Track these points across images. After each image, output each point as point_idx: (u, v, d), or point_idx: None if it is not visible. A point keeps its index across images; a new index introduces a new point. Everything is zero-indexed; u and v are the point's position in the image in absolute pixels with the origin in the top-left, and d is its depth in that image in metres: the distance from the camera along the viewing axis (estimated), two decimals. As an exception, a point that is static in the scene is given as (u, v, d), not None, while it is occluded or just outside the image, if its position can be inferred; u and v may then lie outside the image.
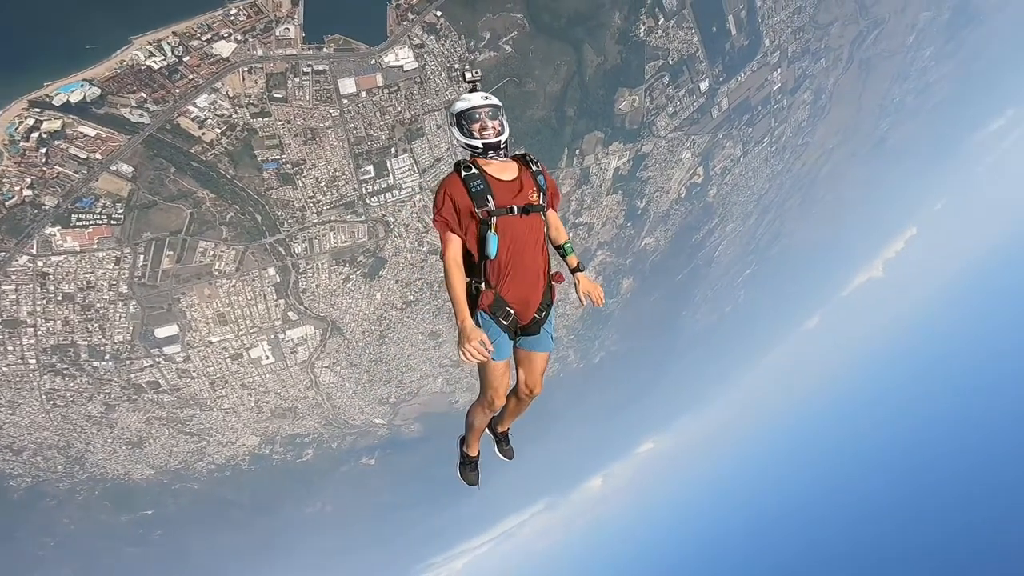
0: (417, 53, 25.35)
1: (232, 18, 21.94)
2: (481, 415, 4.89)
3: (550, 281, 4.37)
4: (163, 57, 21.51)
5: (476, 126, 4.19)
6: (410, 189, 28.40)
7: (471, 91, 4.34)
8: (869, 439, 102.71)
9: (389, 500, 44.55)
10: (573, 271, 4.62)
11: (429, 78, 26.10)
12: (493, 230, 4.01)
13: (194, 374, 29.21)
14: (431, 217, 4.28)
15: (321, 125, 25.57)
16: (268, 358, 30.27)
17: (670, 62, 32.46)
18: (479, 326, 4.05)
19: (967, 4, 52.44)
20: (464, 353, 3.80)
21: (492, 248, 4.02)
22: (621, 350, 49.77)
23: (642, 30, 30.39)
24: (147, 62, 21.33)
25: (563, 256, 4.62)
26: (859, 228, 72.12)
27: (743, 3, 34.57)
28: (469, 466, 5.53)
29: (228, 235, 26.53)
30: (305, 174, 26.35)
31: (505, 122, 4.29)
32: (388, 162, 27.38)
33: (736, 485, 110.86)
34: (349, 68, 24.81)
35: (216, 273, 27.12)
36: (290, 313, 29.47)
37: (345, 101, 25.31)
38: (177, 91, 22.36)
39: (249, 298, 28.35)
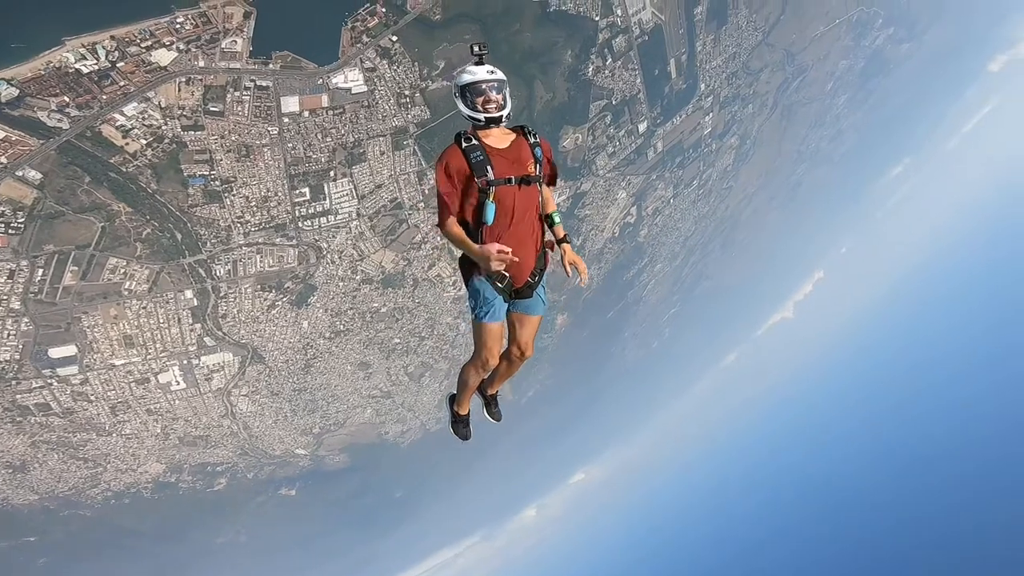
0: (368, 77, 25.44)
1: (178, 27, 21.32)
2: (475, 375, 5.28)
3: (543, 248, 4.74)
4: (95, 61, 20.60)
5: (480, 99, 4.41)
6: (347, 215, 28.25)
7: (477, 64, 4.49)
8: (784, 464, 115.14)
9: (310, 530, 43.54)
10: (560, 242, 4.93)
11: (377, 103, 26.23)
12: (491, 199, 4.30)
13: (92, 397, 27.78)
14: (436, 173, 4.49)
15: (257, 143, 25.10)
16: (179, 384, 29.25)
17: (613, 102, 34.14)
18: (476, 289, 4.60)
19: (880, 53, 57.23)
20: (492, 269, 4.20)
21: (490, 216, 4.32)
22: (554, 384, 51.56)
23: (591, 69, 31.77)
24: (76, 65, 20.37)
25: (550, 226, 4.90)
26: (773, 271, 78.75)
27: (684, 47, 36.74)
28: (460, 423, 5.97)
29: (143, 253, 25.51)
30: (235, 192, 25.72)
31: (508, 95, 4.53)
32: (326, 185, 27.18)
33: (662, 510, 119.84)
34: (294, 86, 24.55)
35: (126, 293, 26.01)
36: (207, 338, 28.60)
37: (286, 120, 24.99)
38: (104, 97, 21.46)
39: (161, 321, 27.32)
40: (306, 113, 25.40)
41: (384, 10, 24.49)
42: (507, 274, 4.52)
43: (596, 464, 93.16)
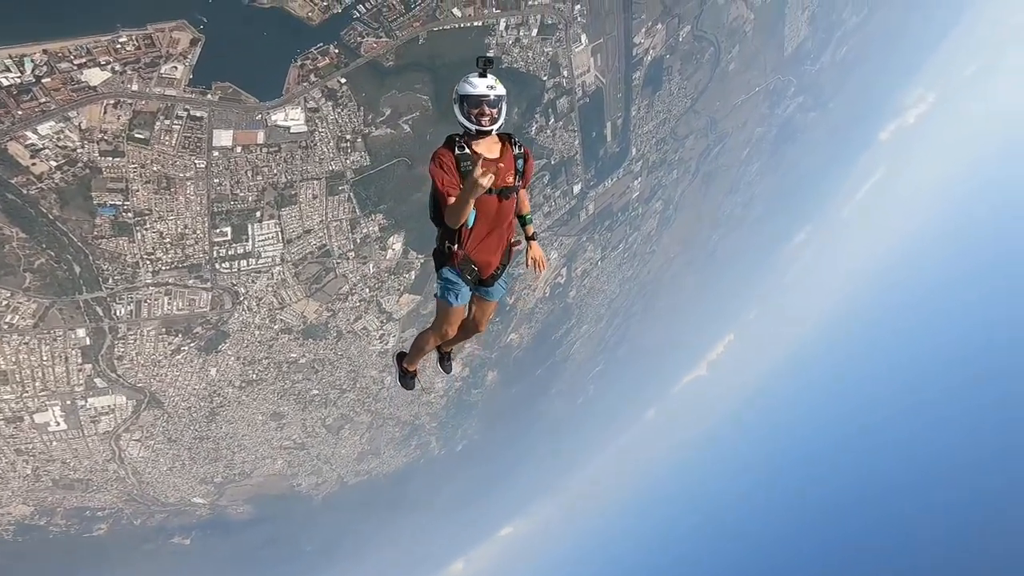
0: (309, 117, 25.36)
1: (119, 47, 20.78)
2: (431, 342, 6.15)
3: (510, 247, 5.50)
4: (19, 74, 19.68)
5: (475, 112, 4.84)
6: (269, 259, 27.78)
7: (480, 75, 4.82)
8: (703, 514, 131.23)
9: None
10: (528, 239, 5.84)
11: (316, 144, 26.14)
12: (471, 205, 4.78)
13: (-53, 434, 25.99)
14: (430, 165, 4.93)
15: (181, 175, 24.41)
16: (59, 425, 27.92)
17: (552, 162, 35.50)
18: (449, 278, 5.33)
19: (791, 122, 61.87)
20: (481, 179, 4.31)
21: (470, 220, 4.96)
22: (483, 438, 52.81)
23: (534, 128, 33.03)
24: (-3, 77, 19.69)
25: (523, 224, 5.70)
26: (689, 332, 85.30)
27: (621, 111, 38.76)
28: (408, 376, 6.86)
29: (32, 284, 24.19)
30: (148, 226, 24.82)
31: (504, 109, 4.99)
32: (250, 226, 26.70)
33: (588, 563, 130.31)
34: (230, 120, 24.13)
35: (5, 327, 24.54)
36: (97, 380, 27.31)
37: (216, 154, 24.49)
38: (20, 113, 20.55)
39: (45, 358, 25.89)
40: (239, 149, 24.98)
41: (337, 51, 24.81)
42: (476, 268, 5.29)
43: (524, 517, 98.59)
